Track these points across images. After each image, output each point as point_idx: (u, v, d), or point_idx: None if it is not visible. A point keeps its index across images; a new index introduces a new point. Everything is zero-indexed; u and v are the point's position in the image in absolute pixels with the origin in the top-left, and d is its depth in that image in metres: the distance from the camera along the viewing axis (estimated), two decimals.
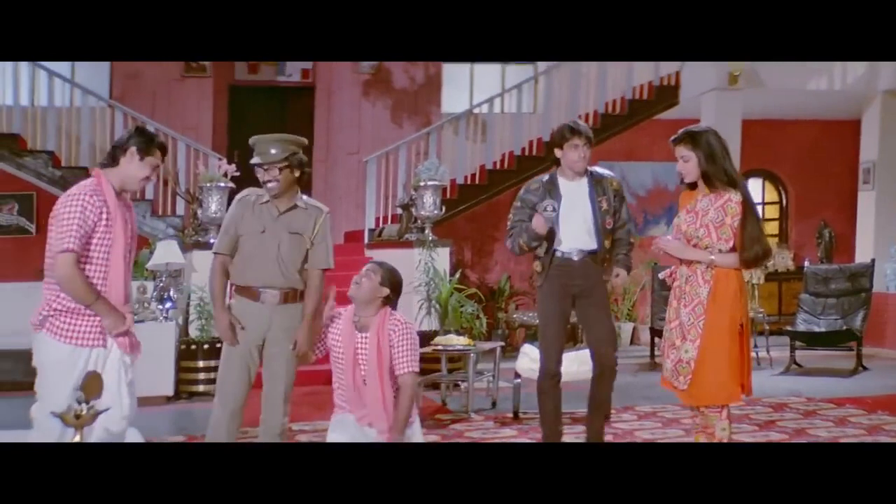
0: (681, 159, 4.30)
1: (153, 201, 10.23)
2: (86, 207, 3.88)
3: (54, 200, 11.50)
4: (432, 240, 9.57)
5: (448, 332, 8.46)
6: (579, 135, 5.10)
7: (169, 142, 10.28)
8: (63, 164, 10.30)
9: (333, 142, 12.33)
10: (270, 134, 4.78)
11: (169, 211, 10.34)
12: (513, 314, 11.03)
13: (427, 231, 9.67)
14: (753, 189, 13.30)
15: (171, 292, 8.38)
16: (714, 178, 4.24)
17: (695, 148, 4.26)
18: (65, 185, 9.96)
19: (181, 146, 10.30)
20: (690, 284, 4.26)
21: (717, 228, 4.22)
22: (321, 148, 12.28)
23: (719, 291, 4.20)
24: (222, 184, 8.95)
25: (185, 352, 8.22)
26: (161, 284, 8.30)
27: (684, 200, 4.39)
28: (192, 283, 8.58)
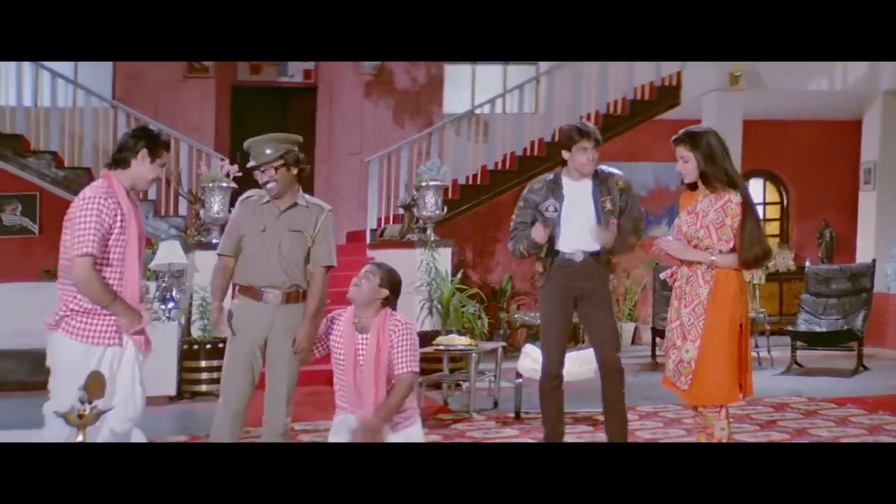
0: (680, 159, 4.32)
1: (156, 202, 10.24)
2: (102, 210, 3.93)
3: (57, 201, 11.50)
4: (434, 240, 9.59)
5: (450, 332, 8.47)
6: (588, 137, 5.02)
7: (171, 142, 10.28)
8: (66, 164, 10.32)
9: (335, 142, 12.35)
10: (262, 135, 4.76)
11: (171, 211, 10.37)
12: (514, 314, 11.04)
13: (429, 231, 9.69)
14: (754, 189, 13.30)
15: (174, 292, 8.40)
16: (713, 178, 4.26)
17: (694, 149, 4.28)
18: (68, 186, 10.00)
19: (184, 147, 10.32)
20: (691, 285, 4.27)
21: (717, 229, 4.24)
22: (323, 148, 12.29)
23: (719, 292, 4.21)
24: (224, 184, 8.97)
25: (188, 352, 8.24)
26: (164, 284, 8.32)
27: (685, 201, 4.40)
28: (195, 284, 8.60)
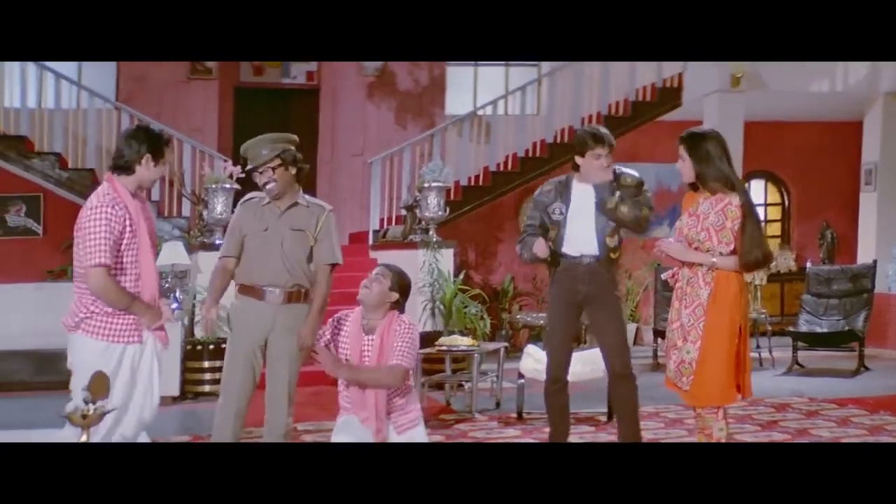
0: (680, 158, 4.37)
1: (159, 203, 10.27)
2: (111, 220, 3.96)
3: (61, 202, 11.48)
4: (436, 241, 9.60)
5: (452, 332, 8.48)
6: (602, 143, 4.92)
7: (174, 143, 10.31)
8: (70, 165, 10.34)
9: (338, 143, 12.37)
10: (258, 137, 4.75)
11: (175, 212, 10.39)
12: (516, 315, 11.06)
13: (431, 232, 9.70)
14: (756, 190, 13.31)
15: (177, 293, 8.43)
16: (707, 179, 4.28)
17: (689, 149, 4.32)
18: (72, 187, 10.03)
19: (187, 148, 10.34)
20: (692, 286, 4.29)
21: (717, 232, 4.25)
22: (326, 149, 12.32)
23: (719, 294, 4.23)
24: (227, 185, 9.00)
25: (191, 352, 8.27)
26: (167, 285, 8.35)
27: (687, 203, 4.42)
28: (198, 284, 8.62)
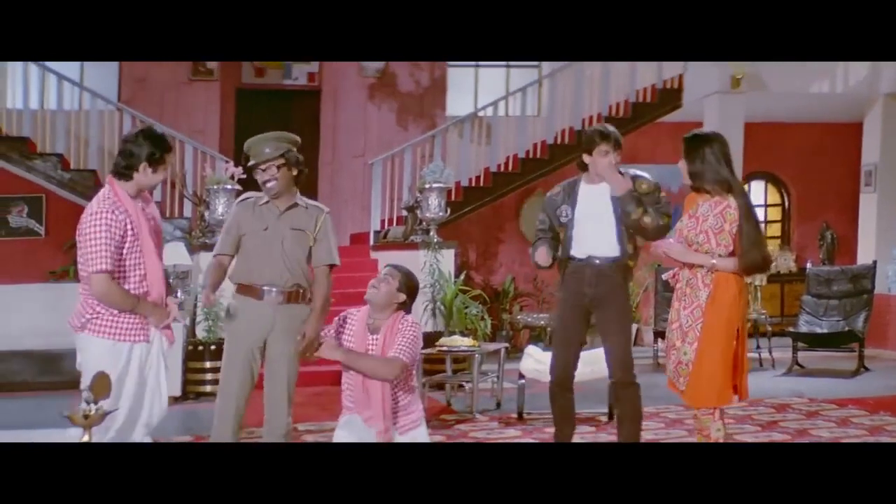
0: (681, 159, 4.40)
1: (161, 203, 10.29)
2: (111, 225, 3.97)
3: (64, 203, 11.50)
4: (437, 241, 9.62)
5: (453, 333, 8.49)
6: (609, 140, 4.86)
7: (176, 145, 10.32)
8: (72, 166, 10.37)
9: (339, 144, 12.39)
10: (262, 134, 4.75)
11: (176, 213, 10.42)
12: (517, 315, 11.09)
13: (432, 233, 9.72)
14: (756, 191, 13.34)
15: (179, 293, 8.42)
16: (703, 181, 4.30)
17: (686, 150, 4.35)
18: (74, 188, 10.06)
19: (188, 149, 10.37)
20: (691, 287, 4.31)
21: (716, 235, 4.27)
22: (327, 150, 12.34)
23: (718, 295, 4.25)
24: (229, 186, 9.03)
25: (193, 353, 8.29)
26: (170, 281, 8.37)
27: (689, 203, 4.43)
28: (199, 285, 8.64)
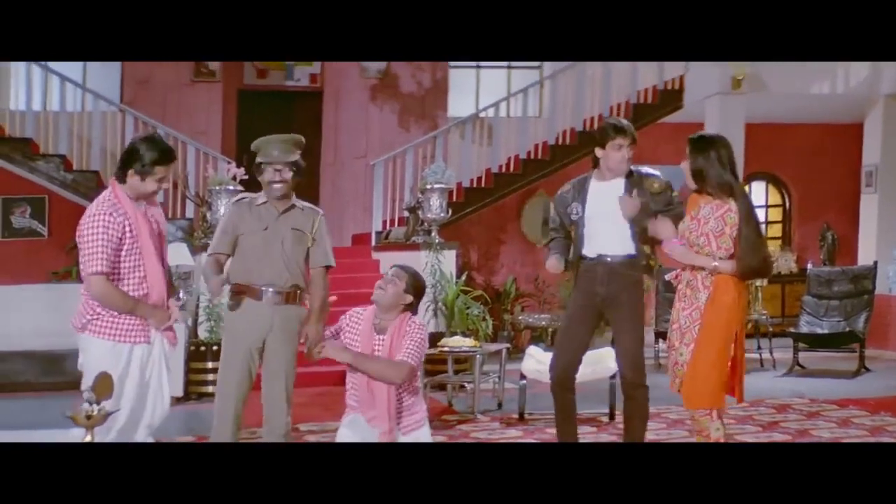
0: (685, 159, 4.38)
1: (163, 204, 10.29)
2: (108, 227, 3.99)
3: (66, 204, 11.53)
4: (439, 242, 9.63)
5: (454, 333, 8.52)
6: (623, 134, 4.76)
7: (179, 146, 10.38)
8: (75, 167, 10.40)
9: (341, 145, 12.41)
10: (280, 135, 4.82)
11: (178, 214, 10.44)
12: (518, 316, 11.09)
13: (433, 234, 9.73)
14: (756, 192, 13.34)
15: (181, 294, 8.42)
16: (704, 183, 4.30)
17: (691, 152, 4.35)
18: (76, 189, 10.08)
19: (191, 150, 10.40)
20: (691, 288, 4.32)
21: (716, 238, 4.27)
22: (329, 151, 12.36)
23: (717, 297, 4.25)
24: (231, 187, 9.04)
25: (195, 353, 8.31)
26: (174, 283, 8.39)
27: (691, 205, 4.43)
28: (202, 286, 8.66)
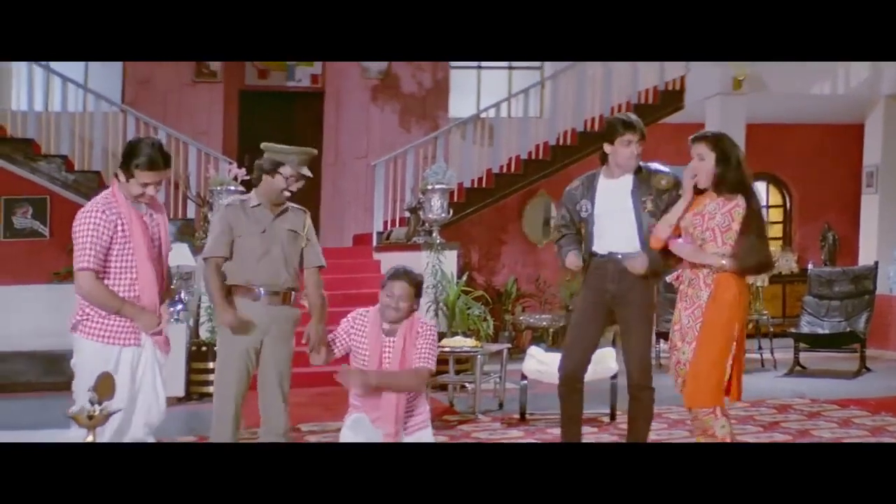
0: (697, 157, 4.32)
1: (164, 204, 10.32)
2: (98, 224, 3.99)
3: (68, 204, 11.57)
4: (440, 243, 9.63)
5: (455, 333, 8.52)
6: (633, 130, 4.69)
7: (180, 146, 10.41)
8: (76, 168, 10.42)
9: (342, 146, 12.42)
10: (306, 148, 4.85)
11: (180, 214, 10.45)
12: (519, 316, 11.09)
13: (434, 234, 9.73)
14: (757, 193, 13.34)
15: (182, 294, 8.47)
16: (725, 180, 4.27)
17: (714, 147, 4.30)
18: (78, 189, 10.09)
19: (192, 150, 10.42)
20: (693, 287, 4.32)
21: (723, 233, 4.26)
22: (330, 152, 12.36)
23: (718, 295, 4.24)
24: (232, 187, 9.04)
25: (196, 353, 8.32)
26: (172, 287, 8.39)
27: (693, 203, 4.39)
28: (202, 286, 8.67)
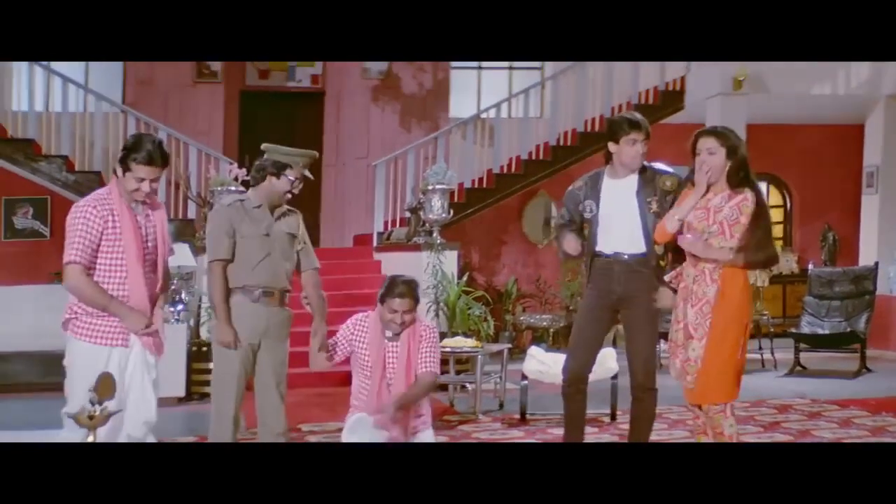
0: (706, 151, 4.29)
1: (165, 205, 10.32)
2: (88, 219, 3.98)
3: (68, 205, 11.53)
4: (440, 243, 9.62)
5: (456, 334, 8.51)
6: (638, 129, 4.67)
7: (180, 146, 10.41)
8: (77, 168, 10.41)
9: (342, 146, 12.43)
10: (308, 151, 4.88)
11: (180, 214, 10.45)
12: (520, 316, 11.11)
13: (435, 234, 9.73)
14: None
15: (183, 294, 8.47)
16: (735, 173, 4.26)
17: (724, 142, 4.29)
18: (78, 190, 10.08)
19: (193, 151, 10.42)
20: (698, 284, 4.29)
21: (730, 226, 4.25)
22: (330, 152, 12.37)
23: (727, 290, 4.24)
24: (233, 188, 9.04)
25: (196, 353, 8.30)
26: (172, 287, 8.40)
27: (684, 198, 4.40)
28: (203, 286, 8.67)
